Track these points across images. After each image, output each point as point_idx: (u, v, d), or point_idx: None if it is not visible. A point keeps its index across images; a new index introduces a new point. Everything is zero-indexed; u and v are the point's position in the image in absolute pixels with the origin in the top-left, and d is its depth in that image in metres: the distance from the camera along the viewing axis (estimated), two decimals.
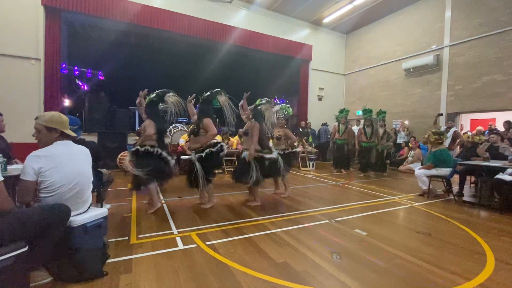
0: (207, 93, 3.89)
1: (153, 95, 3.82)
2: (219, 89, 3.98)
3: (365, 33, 11.11)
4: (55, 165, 1.79)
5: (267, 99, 4.26)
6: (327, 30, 11.43)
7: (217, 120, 4.53)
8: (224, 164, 5.52)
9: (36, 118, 1.90)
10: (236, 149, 7.18)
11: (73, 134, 2.01)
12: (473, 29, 7.61)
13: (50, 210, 1.70)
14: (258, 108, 4.11)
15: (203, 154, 3.60)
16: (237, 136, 7.82)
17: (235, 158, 7.38)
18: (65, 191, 1.83)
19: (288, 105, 5.12)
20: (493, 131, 6.53)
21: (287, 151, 4.59)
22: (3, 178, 1.56)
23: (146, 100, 3.85)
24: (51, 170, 1.77)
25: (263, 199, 4.37)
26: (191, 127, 3.98)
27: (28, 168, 1.72)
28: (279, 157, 4.18)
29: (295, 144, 4.93)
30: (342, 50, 12.04)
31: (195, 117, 3.90)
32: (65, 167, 1.84)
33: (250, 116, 4.14)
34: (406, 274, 2.06)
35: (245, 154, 3.97)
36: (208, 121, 3.66)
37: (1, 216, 1.49)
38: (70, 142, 1.99)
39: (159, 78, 9.53)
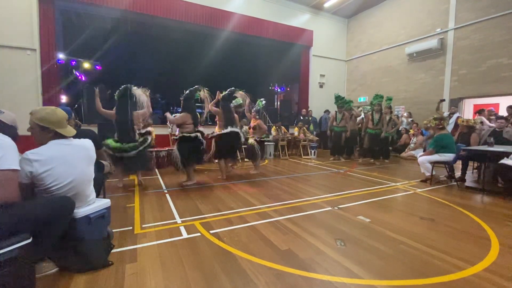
0: (187, 91, 4.52)
1: (119, 91, 4.25)
2: (197, 85, 4.66)
3: (367, 17, 10.82)
4: (46, 169, 1.71)
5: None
6: (328, 14, 11.14)
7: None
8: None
9: (31, 113, 1.79)
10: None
11: (70, 134, 1.88)
12: (479, 11, 7.38)
13: (54, 203, 1.69)
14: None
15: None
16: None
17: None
18: (60, 192, 1.78)
19: (262, 99, 6.12)
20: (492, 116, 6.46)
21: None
22: (17, 168, 1.54)
23: (115, 96, 4.28)
24: (43, 175, 1.70)
25: (265, 187, 4.39)
26: None
27: (21, 170, 1.64)
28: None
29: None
30: (343, 35, 11.78)
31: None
32: (57, 171, 1.75)
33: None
34: (410, 259, 2.07)
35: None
36: (181, 116, 4.40)
37: (6, 208, 1.48)
38: (65, 141, 1.87)
39: (157, 66, 9.39)
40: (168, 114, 4.53)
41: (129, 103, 4.19)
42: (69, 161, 1.82)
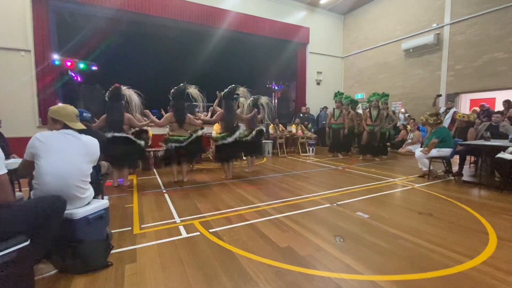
0: (173, 90, 4.52)
1: (109, 92, 4.26)
2: (183, 83, 4.57)
3: (363, 13, 10.81)
4: (44, 151, 1.82)
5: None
6: (324, 11, 11.12)
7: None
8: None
9: (48, 110, 2.07)
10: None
11: (77, 127, 2.02)
12: (475, 6, 7.40)
13: (45, 201, 1.70)
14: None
15: None
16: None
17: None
18: (50, 181, 1.79)
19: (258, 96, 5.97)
20: (485, 111, 6.51)
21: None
22: (6, 170, 1.54)
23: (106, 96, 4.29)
24: (40, 156, 1.81)
25: (264, 185, 4.39)
26: None
27: (27, 148, 1.84)
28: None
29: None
30: (340, 32, 11.76)
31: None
32: (52, 155, 1.83)
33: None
34: (409, 254, 2.08)
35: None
36: (165, 117, 4.51)
37: (4, 208, 1.48)
38: (71, 131, 1.99)
39: (153, 66, 9.34)
40: (153, 118, 4.37)
41: (121, 104, 4.18)
42: (67, 150, 1.90)
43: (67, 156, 1.88)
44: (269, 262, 1.98)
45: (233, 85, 4.97)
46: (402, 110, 9.17)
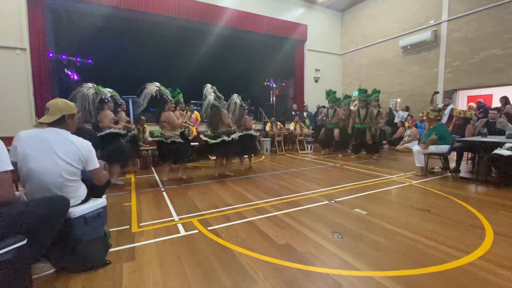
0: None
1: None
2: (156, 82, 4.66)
3: (362, 10, 10.78)
4: (23, 150, 1.74)
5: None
6: (322, 8, 11.08)
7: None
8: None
9: None
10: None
11: (43, 121, 1.87)
12: (472, 2, 7.40)
13: (48, 201, 1.67)
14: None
15: None
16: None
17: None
18: (30, 181, 1.75)
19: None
20: (482, 107, 6.53)
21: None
22: (12, 168, 1.53)
23: None
24: (19, 155, 1.73)
25: (262, 182, 4.40)
26: None
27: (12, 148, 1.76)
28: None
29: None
30: (338, 29, 11.73)
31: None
32: (28, 155, 1.73)
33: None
34: (406, 250, 2.09)
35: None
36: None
37: (4, 206, 1.48)
38: (49, 128, 1.85)
39: (150, 64, 9.29)
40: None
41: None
42: (42, 147, 1.78)
43: (40, 156, 1.76)
44: (268, 259, 1.98)
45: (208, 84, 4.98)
46: (399, 100, 9.11)
